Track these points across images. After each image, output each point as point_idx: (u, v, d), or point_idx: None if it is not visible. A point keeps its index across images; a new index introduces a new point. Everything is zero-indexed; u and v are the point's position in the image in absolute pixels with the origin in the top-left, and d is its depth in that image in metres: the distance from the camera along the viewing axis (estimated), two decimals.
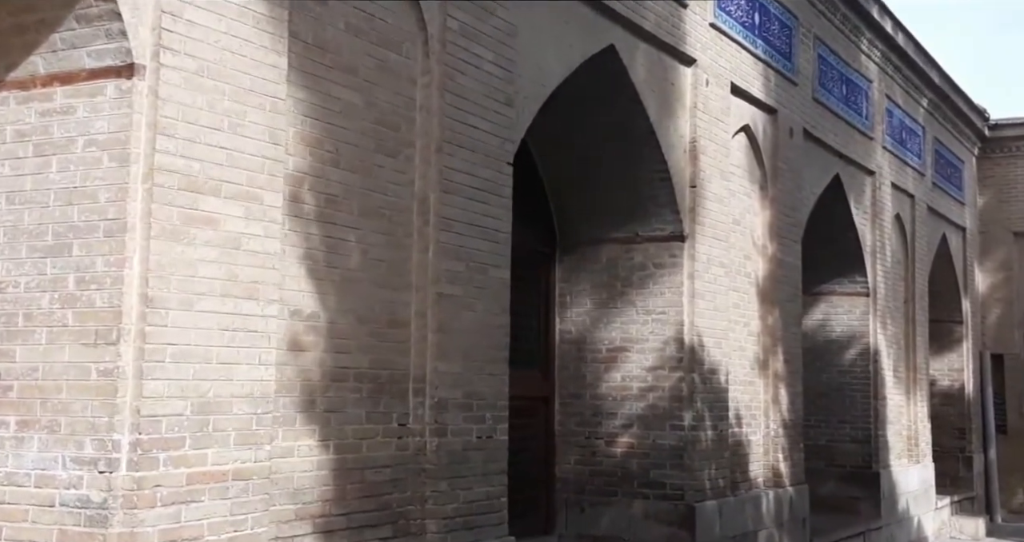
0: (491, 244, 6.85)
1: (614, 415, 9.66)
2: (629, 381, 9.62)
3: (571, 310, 9.92)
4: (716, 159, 9.98)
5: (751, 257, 10.99)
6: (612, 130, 9.21)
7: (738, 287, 10.64)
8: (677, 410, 9.43)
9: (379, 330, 6.06)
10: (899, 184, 15.32)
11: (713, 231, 9.87)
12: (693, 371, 9.45)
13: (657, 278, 9.62)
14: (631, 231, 9.71)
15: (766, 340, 11.12)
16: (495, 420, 6.81)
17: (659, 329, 9.57)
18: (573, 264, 9.95)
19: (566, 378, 9.87)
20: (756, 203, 11.17)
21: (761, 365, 11.07)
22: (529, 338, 9.72)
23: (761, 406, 11.03)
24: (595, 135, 9.28)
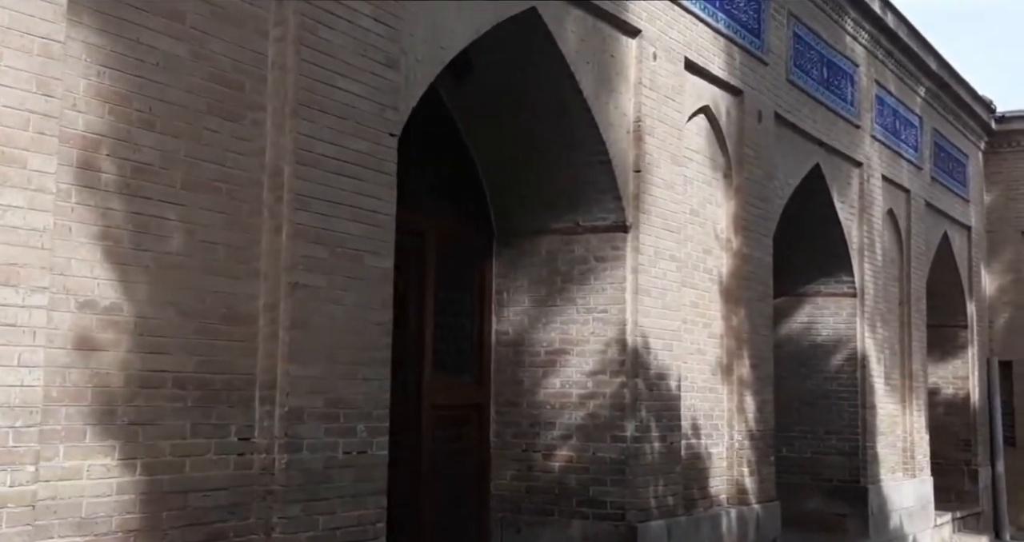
0: (367, 227, 5.90)
1: (552, 425, 8.69)
2: (569, 387, 8.65)
3: (508, 309, 8.96)
4: (666, 142, 9.00)
5: (712, 252, 10.00)
6: (545, 106, 8.27)
7: (696, 284, 9.65)
8: (619, 420, 8.45)
9: (212, 326, 5.12)
10: (892, 177, 14.28)
11: (663, 221, 8.89)
12: (637, 376, 8.47)
13: (599, 273, 8.65)
14: (572, 221, 8.75)
15: (730, 343, 10.12)
16: (371, 432, 5.85)
17: (600, 329, 8.60)
18: (511, 258, 8.99)
19: (502, 384, 8.90)
20: (719, 192, 10.18)
21: (724, 370, 10.08)
22: (461, 340, 8.78)
23: (724, 415, 10.03)
24: (528, 112, 8.34)
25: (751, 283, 10.40)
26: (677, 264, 9.07)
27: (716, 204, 10.10)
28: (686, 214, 9.48)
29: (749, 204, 10.42)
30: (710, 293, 9.92)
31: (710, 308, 9.91)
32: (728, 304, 10.17)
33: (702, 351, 9.72)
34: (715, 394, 9.91)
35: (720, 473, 9.90)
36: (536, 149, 8.52)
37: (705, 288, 9.83)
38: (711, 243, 9.98)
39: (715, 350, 9.97)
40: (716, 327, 9.99)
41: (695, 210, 9.70)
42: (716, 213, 10.10)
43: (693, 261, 9.61)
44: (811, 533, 12.82)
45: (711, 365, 9.89)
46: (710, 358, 9.87)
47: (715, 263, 10.03)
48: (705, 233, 9.89)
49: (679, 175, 9.26)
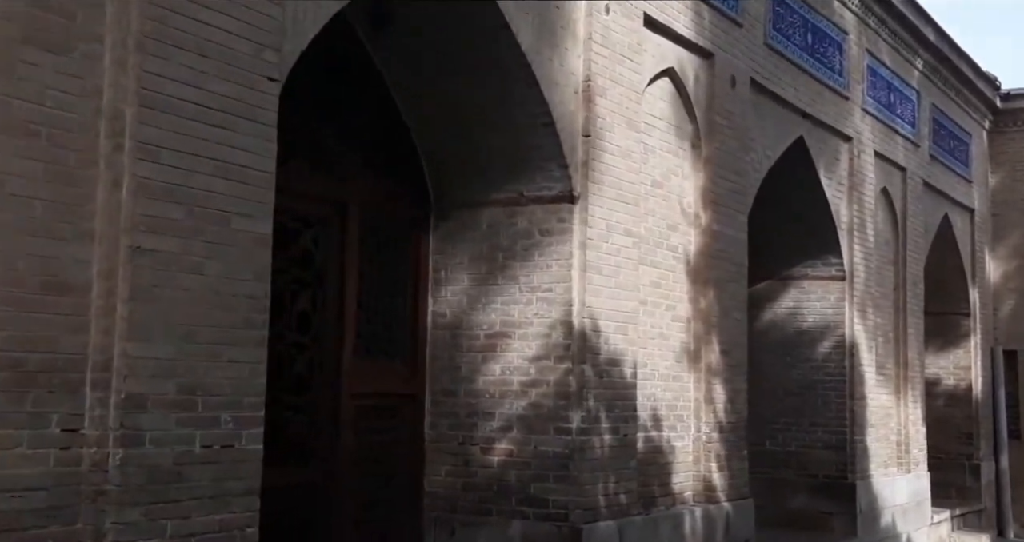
0: (236, 186, 5.09)
1: (491, 416, 7.88)
2: (510, 374, 7.84)
3: (446, 288, 8.14)
4: (622, 105, 8.17)
5: (678, 228, 9.17)
6: (478, 62, 7.45)
7: (657, 262, 8.82)
8: (563, 410, 7.64)
9: (26, 296, 4.33)
10: (885, 154, 13.40)
11: (617, 192, 8.05)
12: (584, 362, 7.65)
13: (543, 248, 7.83)
14: (515, 191, 7.93)
15: (698, 327, 9.28)
16: (239, 423, 5.05)
17: (544, 310, 7.78)
18: (449, 232, 8.17)
19: (438, 371, 8.10)
20: (686, 164, 9.34)
21: (691, 357, 9.25)
22: (392, 323, 7.97)
23: (690, 406, 9.20)
24: (459, 69, 7.51)
25: (721, 263, 9.56)
26: (634, 240, 8.24)
27: (683, 176, 9.27)
28: (646, 186, 8.65)
29: (720, 177, 9.58)
30: (675, 273, 9.09)
31: (674, 289, 9.07)
32: (696, 285, 9.33)
33: (664, 336, 8.90)
34: (680, 382, 9.08)
35: (685, 468, 9.08)
36: (472, 111, 7.70)
37: (669, 267, 9.00)
38: (676, 218, 9.15)
39: (680, 335, 9.13)
40: (681, 310, 9.16)
41: (657, 182, 8.86)
42: (683, 186, 9.26)
43: (654, 237, 8.78)
44: (795, 532, 12.00)
45: (675, 351, 9.06)
46: (674, 343, 9.04)
47: (681, 240, 9.19)
48: (669, 207, 9.05)
49: (638, 142, 8.43)
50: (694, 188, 9.38)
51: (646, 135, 8.67)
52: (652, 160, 8.78)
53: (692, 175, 9.38)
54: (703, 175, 9.43)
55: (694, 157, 9.41)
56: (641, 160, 8.52)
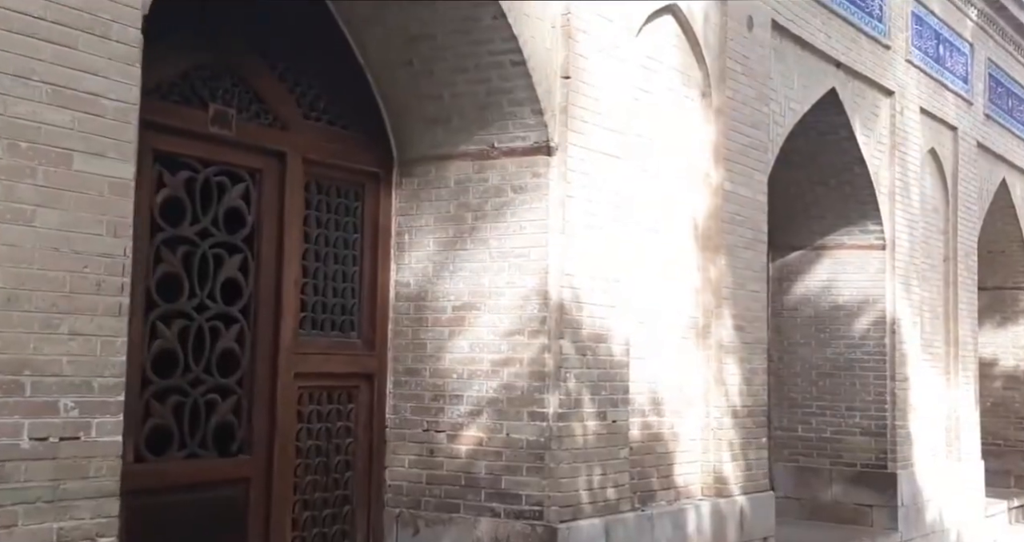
0: (82, 118, 4.14)
1: (459, 398, 6.91)
2: (479, 351, 6.86)
3: (409, 254, 7.17)
4: (610, 44, 7.12)
5: (683, 187, 8.10)
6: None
7: (657, 225, 7.77)
8: (538, 392, 6.64)
9: None
10: (933, 111, 12.18)
11: (603, 143, 7.02)
12: (562, 337, 6.64)
13: (516, 207, 6.82)
14: (486, 142, 6.93)
15: (707, 299, 8.23)
16: (87, 410, 4.13)
17: (518, 278, 6.78)
18: (414, 190, 7.20)
19: (401, 348, 7.13)
20: (694, 115, 8.26)
21: (699, 333, 8.20)
22: (346, 293, 7.01)
23: (699, 387, 8.16)
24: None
25: (736, 227, 8.48)
26: (623, 199, 7.20)
27: (690, 128, 8.19)
28: (642, 137, 7.60)
29: (734, 130, 8.50)
30: (679, 238, 8.04)
31: (679, 256, 8.02)
32: (705, 252, 8.27)
33: (667, 309, 7.85)
34: (685, 361, 8.04)
35: (691, 458, 8.04)
36: (431, 46, 6.70)
37: (671, 231, 7.94)
38: (681, 176, 8.09)
39: (686, 308, 8.08)
40: (687, 280, 8.11)
41: (657, 133, 7.80)
42: (690, 139, 8.19)
43: (653, 197, 7.73)
44: (829, 527, 10.94)
45: (680, 327, 8.01)
46: (678, 318, 7.99)
47: (687, 201, 8.13)
48: (673, 163, 7.99)
49: (631, 87, 7.38)
50: (703, 142, 8.31)
51: (643, 80, 7.62)
52: (650, 109, 7.72)
53: (701, 127, 8.30)
54: (713, 128, 8.35)
55: (703, 107, 8.33)
56: (635, 108, 7.47)
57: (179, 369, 5.93)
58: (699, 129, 8.28)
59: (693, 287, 8.16)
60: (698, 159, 8.25)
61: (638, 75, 7.54)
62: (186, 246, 6.00)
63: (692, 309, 8.14)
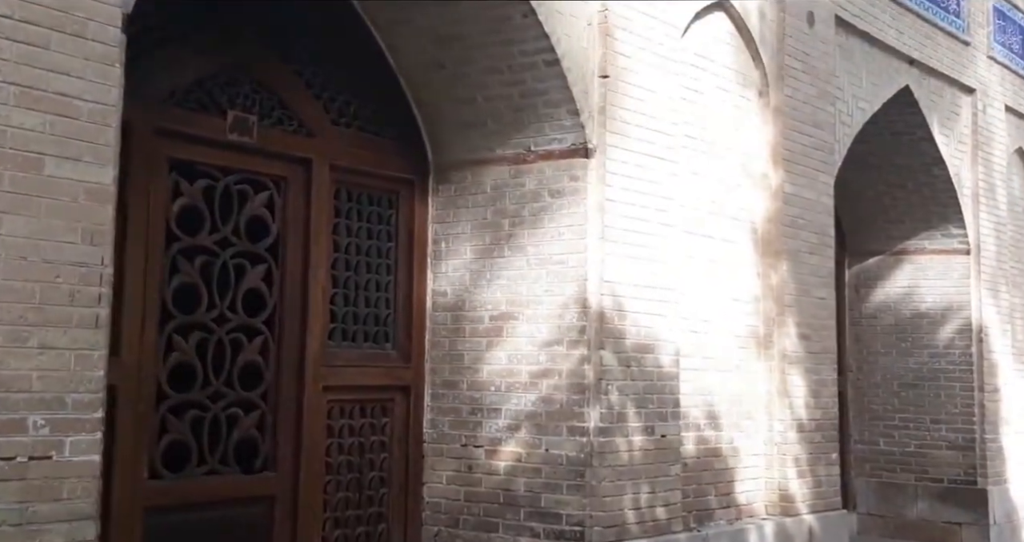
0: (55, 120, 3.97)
1: (497, 412, 6.62)
2: (517, 362, 6.57)
3: (446, 262, 6.92)
4: (653, 41, 6.79)
5: (740, 190, 7.72)
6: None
7: (710, 230, 7.40)
8: (578, 405, 6.32)
9: None
10: (1019, 109, 11.55)
11: (647, 145, 6.69)
12: (603, 347, 6.32)
13: (553, 212, 6.53)
14: (522, 145, 6.66)
15: (768, 307, 7.82)
16: (59, 428, 3.94)
17: (556, 286, 6.48)
18: (450, 197, 6.95)
19: (438, 360, 6.88)
20: (751, 115, 7.88)
21: (761, 342, 7.79)
22: (380, 302, 6.79)
23: (761, 400, 7.75)
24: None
25: (798, 231, 8.06)
26: (670, 202, 6.85)
27: (746, 129, 7.81)
28: (692, 139, 7.24)
29: (794, 131, 8.09)
30: (736, 243, 7.65)
31: (736, 262, 7.63)
32: (766, 258, 7.87)
33: (723, 317, 7.46)
34: (745, 372, 7.63)
35: (754, 475, 7.63)
36: (462, 47, 6.46)
37: (727, 236, 7.56)
38: (738, 179, 7.70)
39: (746, 316, 7.68)
40: (747, 287, 7.71)
41: (710, 134, 7.44)
42: (746, 140, 7.80)
43: (706, 201, 7.36)
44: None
45: (738, 336, 7.62)
46: (736, 326, 7.60)
47: (744, 205, 7.74)
48: (728, 165, 7.61)
49: (677, 86, 7.03)
50: (761, 143, 7.91)
51: (692, 79, 7.27)
52: (701, 109, 7.36)
53: (759, 128, 7.91)
54: (772, 128, 7.95)
55: (761, 107, 7.95)
56: (683, 108, 7.12)
57: (198, 383, 5.75)
58: (757, 129, 7.89)
59: (753, 294, 7.76)
60: (756, 161, 7.86)
61: (686, 74, 7.20)
62: (205, 256, 5.83)
63: (752, 317, 7.74)
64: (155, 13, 5.55)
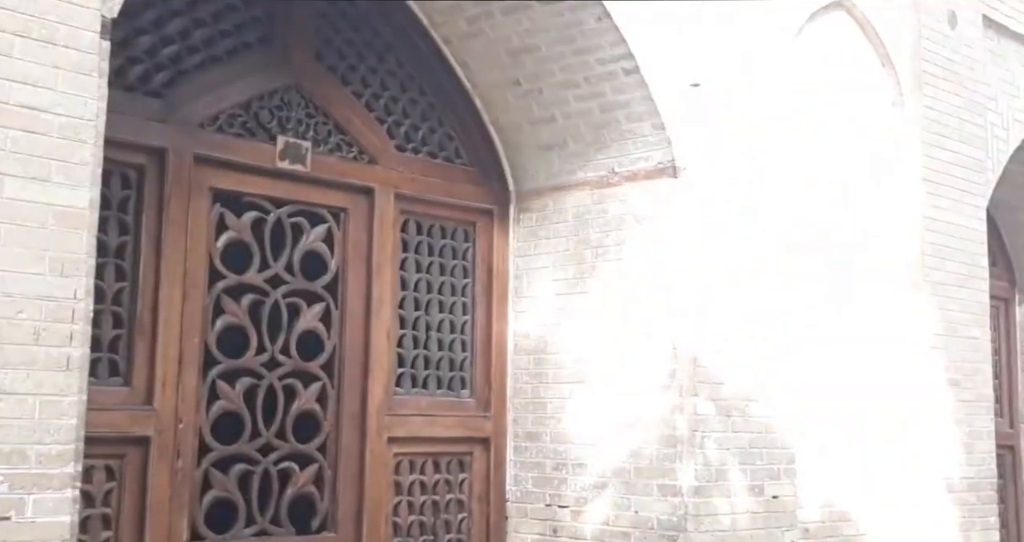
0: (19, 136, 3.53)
1: (582, 468, 5.90)
2: (603, 411, 5.85)
3: (528, 300, 6.27)
4: (756, 43, 6.03)
5: (870, 215, 6.81)
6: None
7: (831, 258, 6.52)
8: (669, 460, 5.54)
9: None
10: None
11: (746, 163, 5.92)
12: (696, 394, 5.53)
13: (638, 241, 5.81)
14: (605, 167, 5.98)
15: (909, 348, 6.85)
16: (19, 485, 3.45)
17: (641, 324, 5.74)
18: (531, 227, 6.32)
19: (521, 408, 6.21)
20: (882, 128, 6.98)
21: (903, 389, 6.81)
22: (456, 345, 6.18)
23: (900, 455, 6.76)
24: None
25: (943, 261, 7.09)
26: (777, 229, 6.03)
27: (874, 144, 6.91)
28: (807, 156, 6.41)
29: (936, 146, 7.14)
30: (865, 275, 6.73)
31: (866, 297, 6.71)
32: (907, 291, 6.91)
33: (850, 359, 6.55)
34: (884, 423, 6.67)
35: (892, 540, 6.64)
36: (537, 61, 5.84)
37: (851, 265, 6.66)
38: (864, 201, 6.80)
39: (877, 358, 6.74)
40: (881, 324, 6.77)
41: (829, 151, 6.59)
42: (876, 157, 6.91)
43: (826, 226, 6.50)
44: None
45: (870, 380, 6.67)
46: (867, 370, 6.66)
47: (874, 231, 6.83)
48: (852, 186, 6.73)
49: (786, 97, 6.24)
50: (894, 160, 7.00)
51: (806, 88, 6.46)
52: (818, 122, 6.53)
53: (891, 143, 7.00)
54: (909, 143, 7.03)
55: (894, 119, 7.04)
56: (794, 122, 6.31)
57: (246, 434, 5.25)
58: (890, 145, 6.98)
59: (891, 333, 6.81)
60: (888, 180, 6.95)
61: (799, 82, 6.39)
62: (254, 295, 5.34)
63: (890, 361, 6.78)
64: (197, 31, 5.16)
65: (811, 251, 6.38)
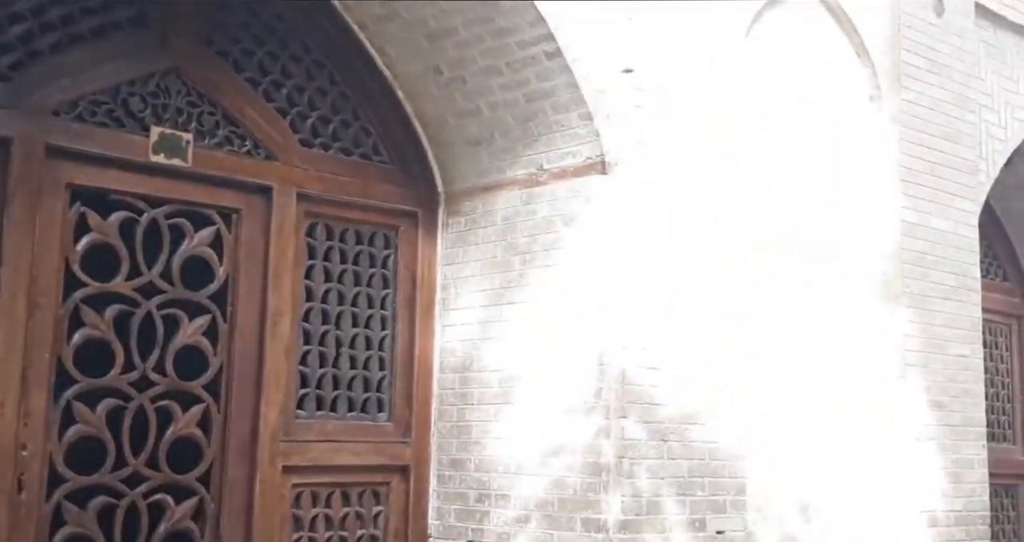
0: None
1: (505, 500, 5.25)
2: (527, 436, 5.21)
3: (456, 313, 5.65)
4: (701, 24, 5.40)
5: (843, 218, 6.14)
6: None
7: (799, 271, 5.85)
8: (593, 491, 4.89)
9: None
10: None
11: (689, 159, 5.27)
12: (625, 415, 4.88)
13: (566, 245, 5.18)
14: (534, 163, 5.37)
15: (886, 367, 6.16)
16: None
17: (568, 339, 5.10)
18: (460, 232, 5.71)
19: (446, 433, 5.58)
20: (858, 125, 6.31)
21: (879, 411, 6.12)
22: (373, 363, 5.56)
23: (877, 485, 6.06)
24: None
25: (926, 270, 6.40)
26: (726, 232, 5.38)
27: (848, 142, 6.25)
28: (766, 153, 5.76)
29: (919, 144, 6.48)
30: (836, 285, 6.05)
31: (841, 310, 6.03)
32: (882, 304, 6.23)
33: (819, 378, 5.86)
34: (856, 451, 5.98)
35: None
36: (457, 46, 5.25)
37: (823, 278, 5.98)
38: (836, 204, 6.13)
39: (851, 378, 6.05)
40: (854, 340, 6.08)
41: (794, 148, 5.93)
42: (850, 156, 6.24)
43: (789, 231, 5.83)
44: None
45: (841, 402, 5.98)
46: (838, 391, 5.97)
47: (846, 237, 6.15)
48: (821, 187, 6.06)
49: (739, 85, 5.60)
50: (870, 160, 6.33)
51: (767, 77, 5.81)
52: (779, 117, 5.87)
53: (867, 141, 6.33)
54: (887, 141, 6.36)
55: (872, 115, 6.37)
56: (750, 114, 5.67)
57: (108, 462, 4.65)
58: (864, 143, 6.31)
59: (864, 351, 6.13)
60: (863, 182, 6.27)
61: (757, 70, 5.75)
62: (121, 305, 4.76)
63: (863, 380, 6.09)
64: (53, 8, 4.60)
65: (777, 256, 5.71)
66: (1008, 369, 8.99)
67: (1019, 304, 9.15)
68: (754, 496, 5.36)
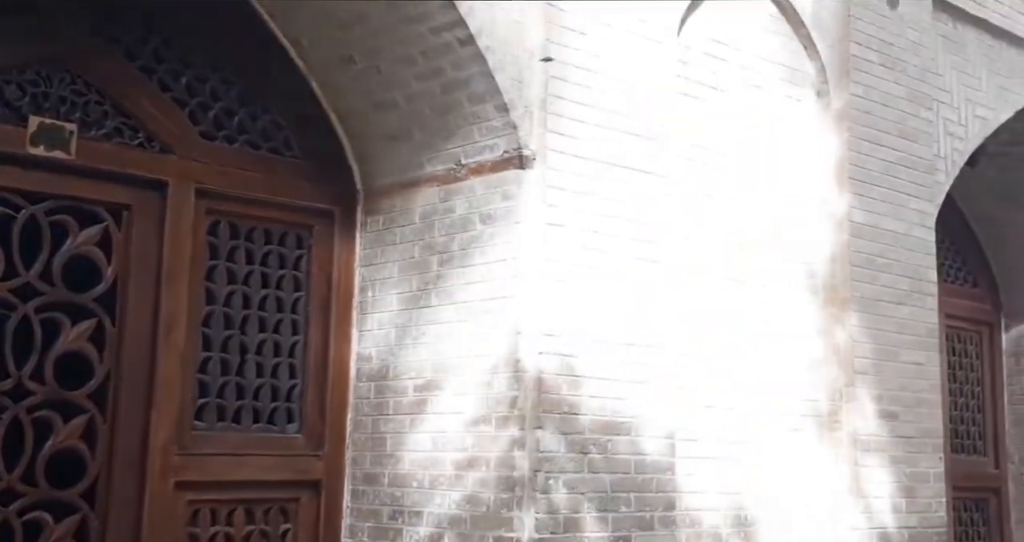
0: None
1: (419, 516, 4.90)
2: (441, 448, 4.87)
3: (374, 317, 5.31)
4: (628, 11, 5.08)
5: (788, 218, 5.82)
6: None
7: (738, 272, 5.52)
8: (507, 508, 4.54)
9: None
10: None
11: (614, 153, 4.94)
12: (542, 426, 4.54)
13: (484, 244, 4.86)
14: (453, 158, 5.04)
15: (832, 374, 5.84)
16: None
17: (483, 343, 4.77)
18: (379, 232, 5.37)
19: (360, 445, 5.24)
20: (804, 121, 6.00)
21: (824, 422, 5.80)
22: (282, 370, 5.21)
23: (824, 500, 5.72)
24: None
25: (876, 273, 6.08)
26: (655, 230, 5.05)
27: (794, 139, 5.94)
28: (701, 149, 5.44)
29: (869, 141, 6.16)
30: (779, 288, 5.73)
31: (783, 314, 5.71)
32: (830, 308, 5.91)
33: (758, 387, 5.53)
34: (797, 463, 5.65)
35: None
36: (368, 33, 4.94)
37: (764, 279, 5.66)
38: (781, 203, 5.81)
39: (796, 387, 5.72)
40: (798, 347, 5.76)
41: (735, 145, 5.61)
42: (797, 154, 5.93)
43: (729, 232, 5.50)
44: None
45: (788, 413, 5.65)
46: (784, 401, 5.64)
47: (792, 238, 5.83)
48: (765, 186, 5.74)
49: (672, 77, 5.28)
50: (818, 157, 6.01)
51: (704, 71, 5.50)
52: (719, 112, 5.55)
53: (814, 138, 6.02)
54: (835, 138, 6.05)
55: (819, 111, 6.06)
56: (684, 108, 5.35)
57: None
58: (811, 140, 6.00)
59: (809, 357, 5.80)
60: (810, 180, 5.96)
61: (692, 63, 5.43)
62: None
63: (808, 389, 5.77)
64: None
65: (713, 256, 5.39)
66: (978, 378, 8.69)
67: (989, 311, 8.85)
68: (687, 511, 5.02)
